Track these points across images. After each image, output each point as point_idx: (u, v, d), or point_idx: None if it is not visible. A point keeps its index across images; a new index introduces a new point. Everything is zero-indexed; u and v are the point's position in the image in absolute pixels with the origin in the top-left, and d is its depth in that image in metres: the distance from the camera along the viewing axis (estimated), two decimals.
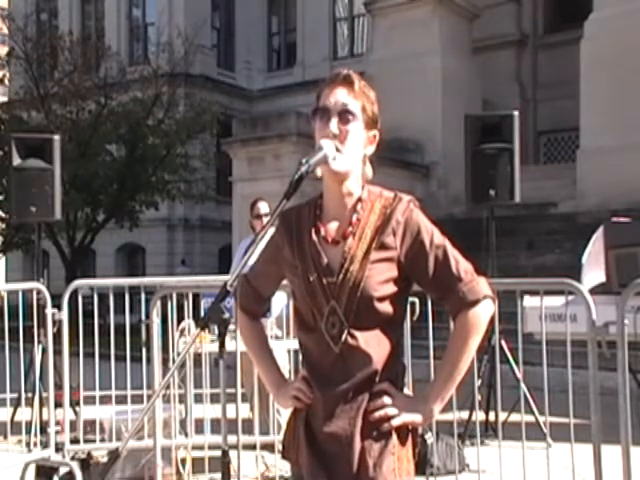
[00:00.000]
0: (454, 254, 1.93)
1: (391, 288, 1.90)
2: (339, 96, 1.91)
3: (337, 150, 1.89)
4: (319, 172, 1.92)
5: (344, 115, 1.90)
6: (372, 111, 1.95)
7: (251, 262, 1.94)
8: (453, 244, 1.96)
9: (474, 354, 1.95)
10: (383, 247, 1.90)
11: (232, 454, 2.19)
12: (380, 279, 1.89)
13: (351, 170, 1.93)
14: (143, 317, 5.56)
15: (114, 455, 2.16)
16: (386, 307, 1.90)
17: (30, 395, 6.10)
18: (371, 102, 1.96)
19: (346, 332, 1.89)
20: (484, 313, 1.91)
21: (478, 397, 5.09)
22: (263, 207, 6.01)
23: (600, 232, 6.71)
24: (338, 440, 1.89)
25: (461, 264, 1.92)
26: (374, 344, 1.89)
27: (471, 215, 9.96)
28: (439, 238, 1.93)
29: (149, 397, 4.99)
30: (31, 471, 4.75)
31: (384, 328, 1.91)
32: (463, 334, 1.91)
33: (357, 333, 1.88)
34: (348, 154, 1.90)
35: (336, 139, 1.89)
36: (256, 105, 25.89)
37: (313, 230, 1.98)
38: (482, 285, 1.92)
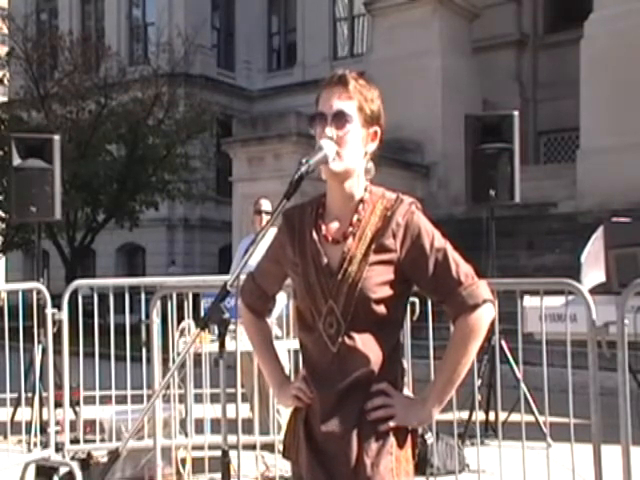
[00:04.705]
0: (455, 257, 1.92)
1: (389, 290, 1.89)
2: (333, 100, 1.92)
3: (336, 154, 1.89)
4: (323, 176, 1.92)
5: (339, 119, 1.90)
6: (370, 108, 1.95)
7: (251, 262, 1.94)
8: (454, 246, 1.94)
9: (474, 358, 1.93)
10: (383, 249, 1.90)
11: (232, 454, 2.19)
12: (378, 281, 1.88)
13: (351, 170, 1.93)
14: (143, 317, 5.56)
15: (114, 455, 2.16)
16: (384, 309, 1.89)
17: (30, 395, 6.10)
18: (370, 100, 1.95)
19: (343, 332, 1.89)
20: (484, 317, 1.90)
21: (478, 397, 5.09)
22: (265, 204, 6.02)
23: (600, 232, 6.71)
24: (336, 439, 1.89)
25: (461, 267, 1.91)
26: (371, 345, 1.89)
27: (471, 215, 9.95)
28: (440, 241, 1.92)
29: (149, 397, 4.99)
30: (31, 471, 4.74)
31: (382, 330, 1.90)
32: (463, 338, 1.89)
33: (354, 334, 1.88)
34: (347, 156, 1.90)
35: (334, 142, 1.89)
36: (256, 105, 25.87)
37: (314, 229, 1.98)
38: (482, 289, 1.90)
